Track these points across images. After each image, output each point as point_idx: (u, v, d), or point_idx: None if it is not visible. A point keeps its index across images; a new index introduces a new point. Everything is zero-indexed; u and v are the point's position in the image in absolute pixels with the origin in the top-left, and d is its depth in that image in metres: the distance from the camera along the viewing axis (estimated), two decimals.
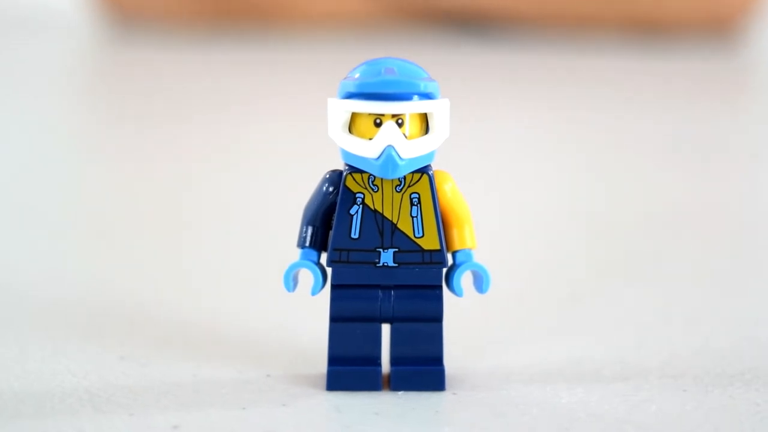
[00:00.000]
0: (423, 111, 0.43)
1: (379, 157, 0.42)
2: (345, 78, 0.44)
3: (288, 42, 1.59)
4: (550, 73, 1.42)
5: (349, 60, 0.51)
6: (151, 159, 0.96)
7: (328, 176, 0.45)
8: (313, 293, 0.45)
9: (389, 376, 0.45)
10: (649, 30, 1.59)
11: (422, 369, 0.45)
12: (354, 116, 0.43)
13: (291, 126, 1.11)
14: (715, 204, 0.81)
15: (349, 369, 0.44)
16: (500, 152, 1.00)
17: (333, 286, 0.45)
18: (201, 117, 1.15)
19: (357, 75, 0.43)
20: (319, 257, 0.45)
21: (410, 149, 0.42)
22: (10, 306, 0.55)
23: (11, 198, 0.81)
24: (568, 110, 1.20)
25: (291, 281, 0.45)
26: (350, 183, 0.44)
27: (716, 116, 1.21)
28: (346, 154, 0.43)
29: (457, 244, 0.45)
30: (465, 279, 0.45)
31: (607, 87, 1.35)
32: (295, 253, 0.45)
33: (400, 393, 0.44)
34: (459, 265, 0.45)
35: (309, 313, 0.49)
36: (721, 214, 0.78)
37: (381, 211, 0.44)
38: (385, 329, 0.45)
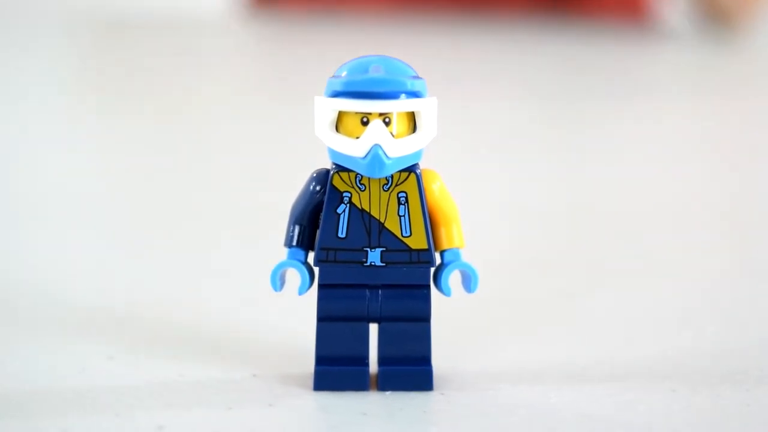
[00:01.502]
0: (410, 110, 0.43)
1: (365, 156, 0.42)
2: (332, 76, 0.43)
3: None
4: (525, 64, 1.42)
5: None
6: (141, 157, 0.95)
7: (315, 175, 0.45)
8: (301, 293, 0.44)
9: (377, 376, 0.45)
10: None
11: (410, 369, 0.44)
12: (341, 115, 0.43)
13: (280, 124, 1.10)
14: (707, 203, 0.81)
15: (336, 369, 0.44)
16: (489, 150, 1.00)
17: (320, 286, 0.44)
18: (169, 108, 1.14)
19: (344, 73, 0.43)
20: (306, 256, 0.45)
21: (397, 148, 0.42)
22: None
23: None
24: (556, 104, 1.20)
25: (278, 281, 0.44)
26: (337, 182, 0.43)
27: (713, 112, 1.21)
28: (333, 153, 0.43)
29: (445, 244, 0.44)
30: (453, 278, 0.45)
31: (602, 81, 1.35)
32: (283, 253, 0.45)
33: (388, 393, 0.44)
34: (447, 265, 0.44)
35: (296, 313, 0.49)
36: (713, 212, 0.78)
37: (368, 210, 0.44)
38: (373, 329, 0.45)
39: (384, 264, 0.44)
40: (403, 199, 0.43)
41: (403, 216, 0.44)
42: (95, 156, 0.97)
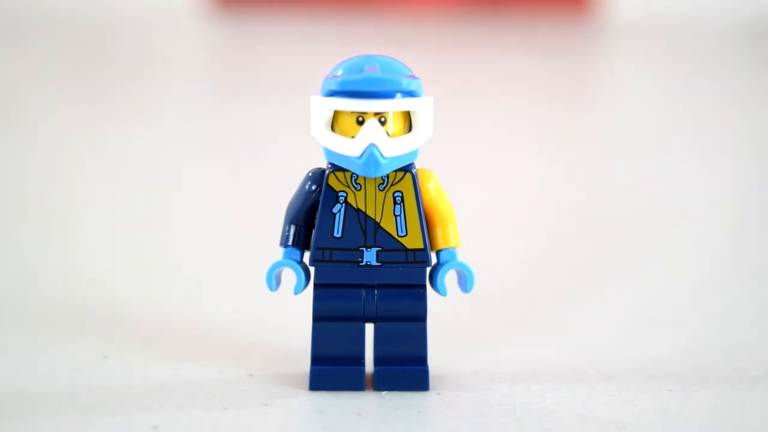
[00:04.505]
0: (406, 109, 0.42)
1: (361, 156, 0.42)
2: (328, 75, 0.43)
3: None
4: (537, 66, 1.42)
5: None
6: (135, 157, 0.95)
7: (310, 174, 0.44)
8: (296, 292, 0.44)
9: (373, 376, 0.44)
10: None
11: (406, 369, 0.44)
12: (336, 114, 0.43)
13: (276, 123, 1.10)
14: (704, 204, 0.81)
15: (332, 369, 0.44)
16: (486, 150, 1.00)
17: (316, 285, 0.44)
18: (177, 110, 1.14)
19: (340, 72, 0.43)
20: (302, 256, 0.44)
21: (393, 147, 0.42)
22: None
23: None
24: (553, 107, 1.20)
25: (274, 280, 0.44)
26: (333, 181, 0.43)
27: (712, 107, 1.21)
28: (328, 153, 0.43)
29: (441, 243, 0.44)
30: (449, 278, 0.45)
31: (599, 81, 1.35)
32: (278, 252, 0.45)
33: (384, 393, 0.44)
34: (443, 264, 0.44)
35: (292, 313, 0.49)
36: (709, 214, 0.78)
37: (364, 210, 0.43)
38: (369, 329, 0.45)
39: (380, 264, 0.44)
40: (399, 198, 0.43)
41: (399, 215, 0.43)
42: (85, 155, 0.97)
